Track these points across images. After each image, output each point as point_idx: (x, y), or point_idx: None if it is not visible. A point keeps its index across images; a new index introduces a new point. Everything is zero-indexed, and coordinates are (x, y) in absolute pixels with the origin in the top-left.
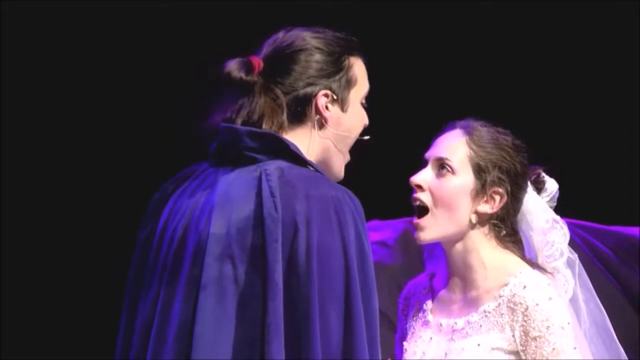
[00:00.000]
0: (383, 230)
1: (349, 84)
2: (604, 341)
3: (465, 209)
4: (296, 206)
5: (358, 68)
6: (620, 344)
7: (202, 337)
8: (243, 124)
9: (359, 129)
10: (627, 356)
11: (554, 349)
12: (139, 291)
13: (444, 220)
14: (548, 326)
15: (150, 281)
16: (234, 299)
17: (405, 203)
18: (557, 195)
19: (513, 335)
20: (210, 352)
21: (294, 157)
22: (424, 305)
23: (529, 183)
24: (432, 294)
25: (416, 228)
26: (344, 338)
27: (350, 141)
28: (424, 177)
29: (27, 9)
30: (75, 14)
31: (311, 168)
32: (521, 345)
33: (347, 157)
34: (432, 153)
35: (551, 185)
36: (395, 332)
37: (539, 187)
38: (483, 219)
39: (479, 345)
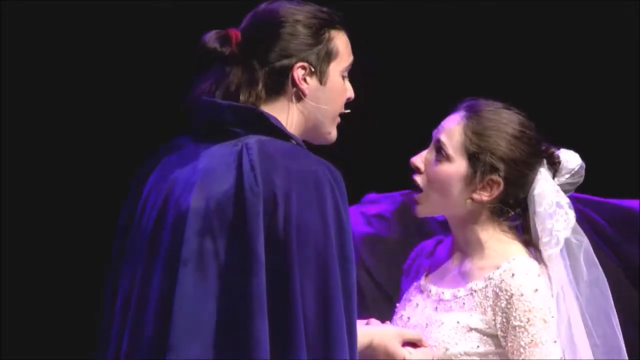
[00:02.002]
0: (380, 203)
1: (329, 56)
2: (603, 327)
3: (458, 195)
4: (276, 180)
5: (339, 41)
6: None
7: (181, 312)
8: (222, 96)
9: (340, 102)
10: (624, 330)
11: (532, 340)
12: (120, 269)
13: (437, 202)
14: (529, 317)
15: (130, 258)
16: (215, 273)
17: (403, 176)
18: (581, 171)
19: (494, 320)
20: (190, 327)
21: (275, 130)
22: (422, 269)
23: (543, 165)
24: (432, 259)
25: (413, 202)
26: (320, 314)
27: (332, 114)
28: (422, 157)
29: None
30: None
31: (292, 141)
32: (501, 331)
33: (332, 130)
34: (436, 133)
35: (571, 162)
36: (392, 304)
37: (555, 168)
38: (480, 204)
39: (458, 322)
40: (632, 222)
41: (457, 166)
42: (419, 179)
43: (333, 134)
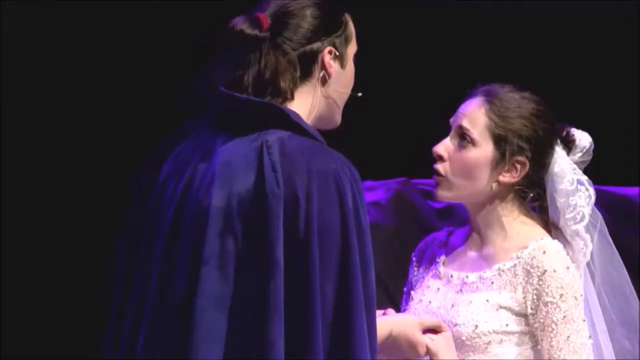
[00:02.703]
0: (376, 191)
1: (347, 40)
2: (619, 305)
3: (485, 179)
4: (297, 180)
5: (352, 25)
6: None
7: (203, 313)
8: (253, 82)
9: (352, 85)
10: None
11: (564, 316)
12: (132, 263)
13: (462, 187)
14: (562, 294)
15: (145, 252)
16: (234, 275)
17: (399, 163)
18: (591, 148)
19: (524, 298)
20: (211, 328)
21: (295, 126)
22: (437, 259)
23: (558, 144)
24: (447, 249)
25: (436, 185)
26: (341, 316)
27: (346, 97)
28: (445, 145)
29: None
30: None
31: (311, 136)
32: (531, 309)
33: (340, 113)
34: (456, 120)
35: (583, 140)
36: (387, 291)
37: (569, 146)
38: (505, 187)
39: (487, 301)
40: (630, 210)
41: (483, 150)
42: (441, 167)
43: (340, 118)
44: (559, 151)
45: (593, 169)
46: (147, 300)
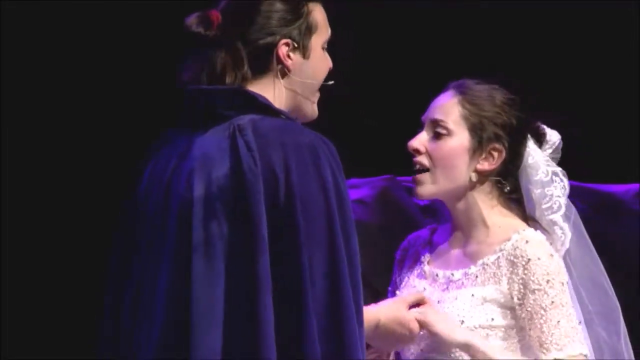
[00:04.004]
0: (361, 188)
1: (310, 30)
2: (598, 297)
3: (464, 168)
4: (273, 156)
5: (318, 14)
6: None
7: (199, 299)
8: (208, 79)
9: (323, 74)
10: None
11: (553, 301)
12: (124, 267)
13: (443, 179)
14: (548, 280)
15: (136, 254)
16: (223, 256)
17: (385, 161)
18: (560, 146)
19: (509, 289)
20: (207, 315)
21: (264, 108)
22: (422, 258)
23: (529, 136)
24: (431, 247)
25: (415, 183)
26: (329, 282)
27: (315, 87)
28: (420, 140)
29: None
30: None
31: (283, 117)
32: (518, 299)
33: (314, 103)
34: (428, 115)
35: (553, 137)
36: (372, 289)
37: (540, 140)
38: (483, 177)
39: (472, 295)
40: (614, 207)
41: (459, 139)
42: (422, 159)
43: (315, 109)
44: (531, 144)
45: (593, 168)
46: (141, 296)
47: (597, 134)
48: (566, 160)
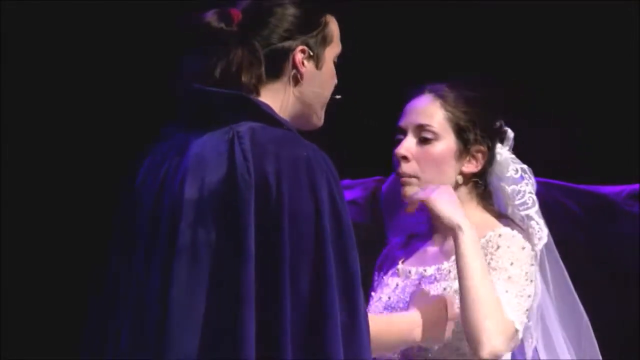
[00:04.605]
0: (354, 190)
1: (325, 41)
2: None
3: (451, 171)
4: (267, 166)
5: (334, 26)
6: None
7: (177, 303)
8: (220, 76)
9: (331, 89)
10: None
11: (509, 277)
12: (118, 267)
13: (431, 183)
14: (512, 262)
15: (128, 255)
16: (208, 264)
17: (377, 162)
18: (512, 145)
19: None
20: (184, 317)
21: (266, 117)
22: (397, 260)
23: None
24: (407, 249)
25: (402, 184)
26: (314, 299)
27: (324, 99)
28: (408, 147)
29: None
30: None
31: (284, 127)
32: None
33: (321, 115)
34: (409, 120)
35: (510, 133)
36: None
37: (502, 138)
38: (467, 178)
39: (444, 289)
40: (609, 209)
41: (446, 142)
42: (408, 167)
43: (321, 119)
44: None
45: (593, 168)
46: (129, 298)
47: (597, 134)
48: (566, 160)
